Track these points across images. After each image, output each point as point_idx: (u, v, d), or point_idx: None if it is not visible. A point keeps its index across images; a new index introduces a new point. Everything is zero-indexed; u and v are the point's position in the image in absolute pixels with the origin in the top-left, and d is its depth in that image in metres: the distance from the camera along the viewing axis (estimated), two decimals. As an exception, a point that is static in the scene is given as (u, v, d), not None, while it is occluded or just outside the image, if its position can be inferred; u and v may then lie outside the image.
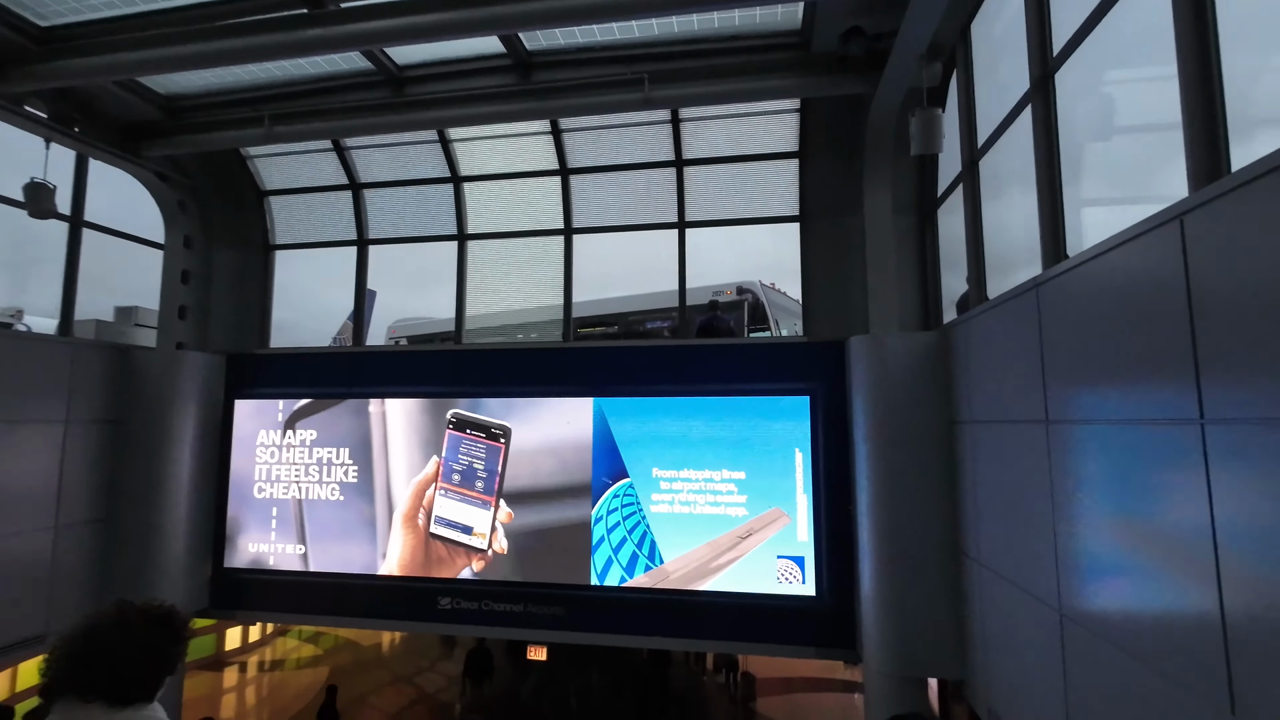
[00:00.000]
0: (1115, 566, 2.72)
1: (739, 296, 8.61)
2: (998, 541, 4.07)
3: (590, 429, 5.99)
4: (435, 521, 6.14)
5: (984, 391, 4.26)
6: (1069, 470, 3.11)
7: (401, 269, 8.93)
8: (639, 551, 5.83)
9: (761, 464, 5.69)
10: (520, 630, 6.04)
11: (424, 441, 6.28)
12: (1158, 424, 2.36)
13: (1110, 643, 2.71)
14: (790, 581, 5.55)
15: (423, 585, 6.19)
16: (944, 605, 4.79)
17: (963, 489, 4.68)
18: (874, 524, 5.11)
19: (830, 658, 5.64)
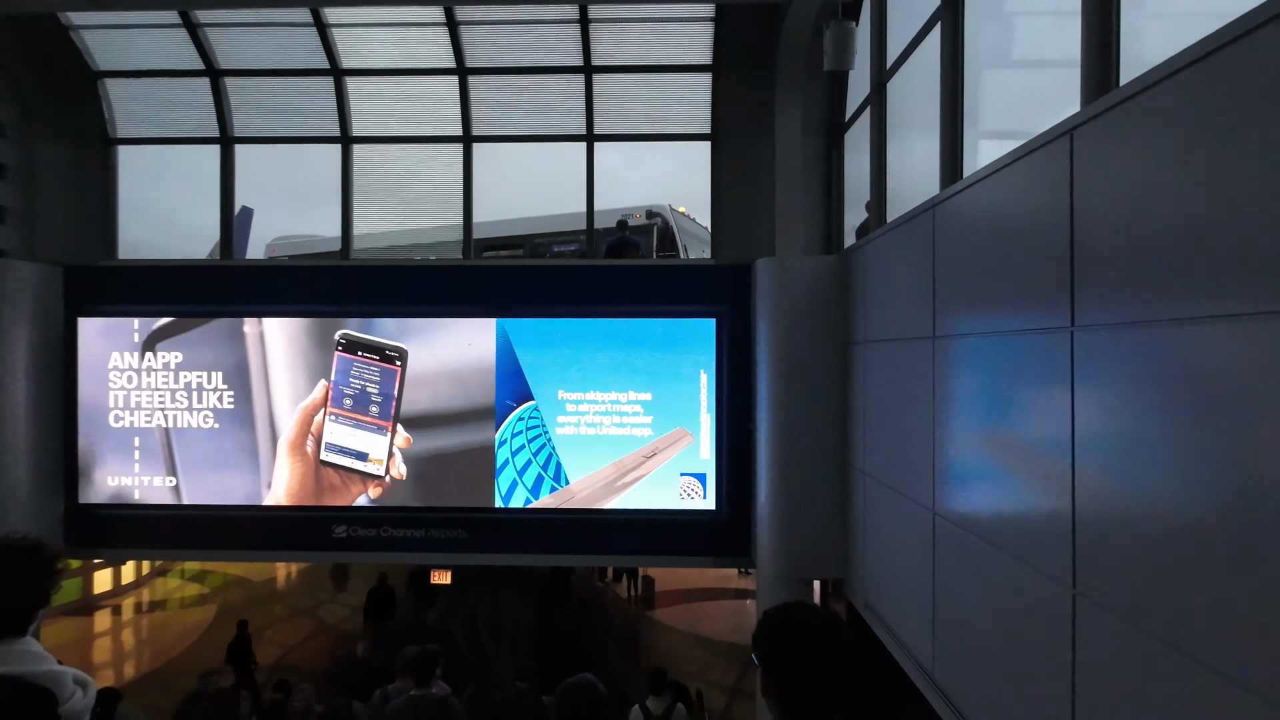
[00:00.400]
0: (984, 470, 2.96)
1: (648, 220, 8.45)
2: (882, 453, 4.35)
3: (493, 351, 5.77)
4: (326, 449, 5.79)
5: (878, 313, 4.44)
6: (950, 383, 3.32)
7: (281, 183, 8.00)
8: (544, 474, 5.80)
9: (667, 386, 5.74)
10: (422, 555, 5.93)
11: (309, 365, 5.82)
12: (1033, 334, 2.52)
13: (976, 535, 2.98)
14: (692, 497, 5.75)
15: (315, 514, 5.88)
16: (830, 514, 5.14)
17: (853, 406, 4.95)
18: (771, 441, 5.34)
19: (728, 565, 5.98)
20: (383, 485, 5.83)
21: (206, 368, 5.85)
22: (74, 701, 1.40)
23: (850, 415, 5.02)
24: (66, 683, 1.41)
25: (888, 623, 4.19)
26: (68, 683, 1.42)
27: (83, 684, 1.45)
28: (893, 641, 4.07)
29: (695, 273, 5.84)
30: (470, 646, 11.29)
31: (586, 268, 5.87)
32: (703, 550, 5.83)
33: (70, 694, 1.41)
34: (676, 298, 5.77)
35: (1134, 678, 1.96)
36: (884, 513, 4.34)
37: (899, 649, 3.98)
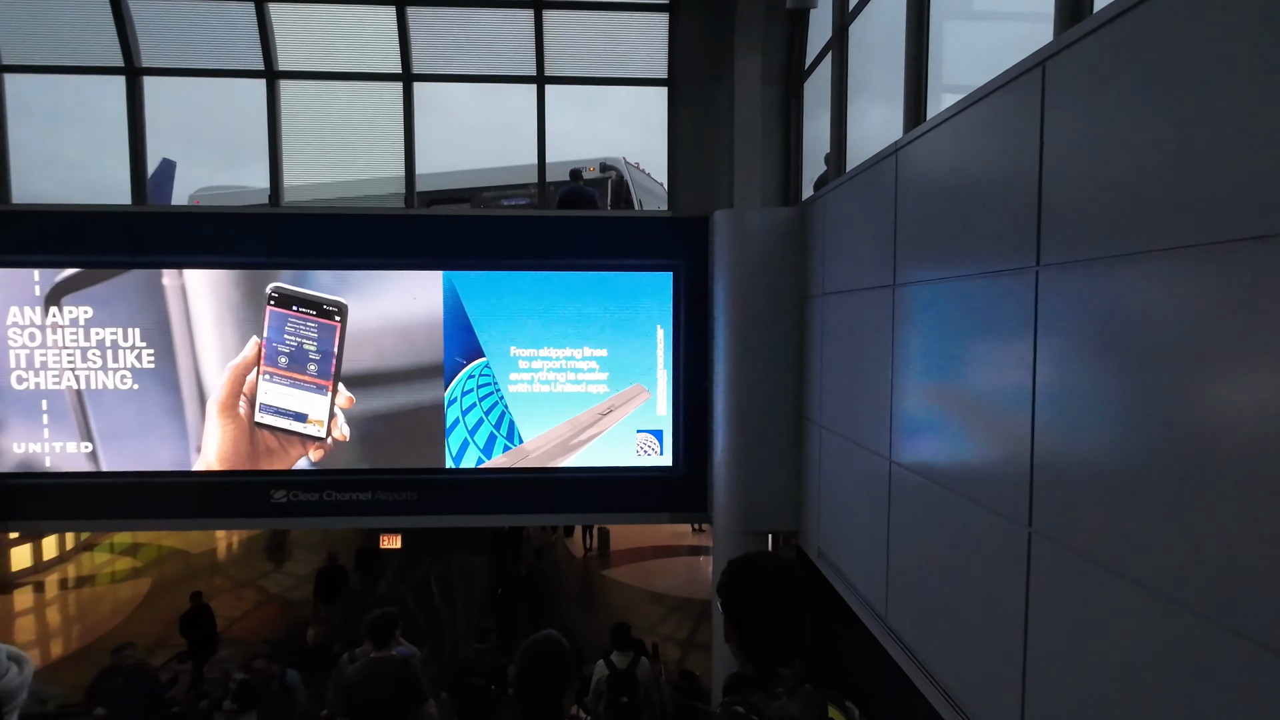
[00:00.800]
0: (943, 417, 2.97)
1: (602, 174, 8.16)
2: (839, 404, 4.36)
3: (440, 305, 5.49)
4: (261, 410, 5.45)
5: (837, 264, 4.39)
6: (909, 331, 3.29)
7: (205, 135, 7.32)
8: (496, 432, 5.63)
9: (624, 341, 5.60)
10: (369, 519, 5.71)
11: (239, 320, 5.41)
12: (998, 275, 2.48)
13: (934, 481, 3.00)
14: (649, 454, 5.69)
15: (252, 479, 5.56)
16: (785, 467, 5.17)
17: (810, 359, 4.94)
18: (728, 396, 5.30)
19: (684, 521, 5.99)
20: (324, 448, 5.54)
21: (122, 324, 5.38)
22: (9, 678, 1.38)
23: (807, 369, 5.02)
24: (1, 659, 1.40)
25: (841, 570, 4.26)
26: (1, 659, 1.40)
27: (18, 660, 1.43)
28: (846, 587, 4.15)
29: (652, 225, 5.66)
30: (424, 610, 11.18)
31: (538, 219, 5.61)
32: (659, 506, 5.81)
33: (4, 670, 1.39)
34: (633, 250, 5.60)
35: (1084, 606, 1.99)
36: (839, 464, 4.37)
37: (852, 594, 4.05)
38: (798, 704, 1.32)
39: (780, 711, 1.30)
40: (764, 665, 1.36)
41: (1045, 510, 2.22)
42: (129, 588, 12.57)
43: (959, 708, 2.78)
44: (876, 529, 3.66)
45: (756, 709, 1.30)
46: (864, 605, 3.86)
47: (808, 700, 1.33)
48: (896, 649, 3.41)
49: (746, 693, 1.33)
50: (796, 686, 1.34)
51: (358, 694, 3.36)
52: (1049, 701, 2.19)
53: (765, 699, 1.31)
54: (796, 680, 1.36)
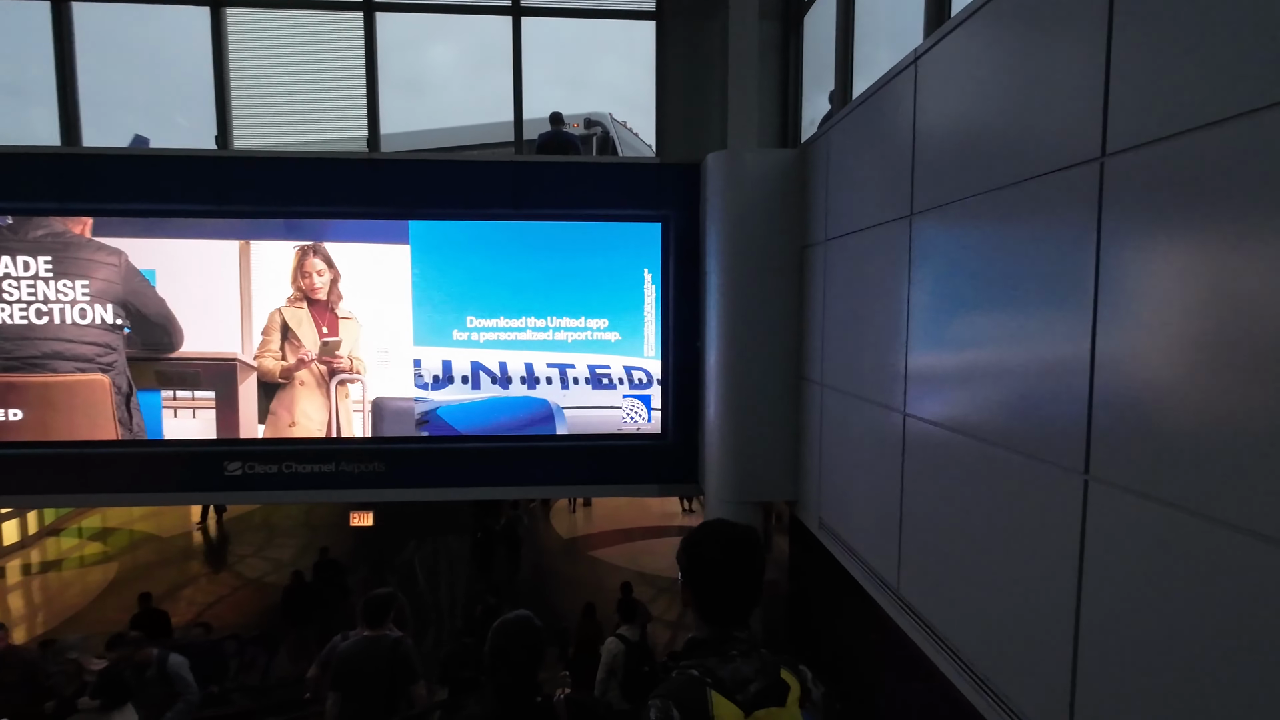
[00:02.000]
0: (974, 360, 2.58)
1: (587, 130, 7.67)
2: (843, 359, 3.97)
3: (408, 262, 5.02)
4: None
5: (842, 203, 3.98)
6: (929, 265, 2.90)
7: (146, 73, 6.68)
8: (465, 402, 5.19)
9: (608, 300, 5.17)
10: (332, 493, 5.27)
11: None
12: (1055, 175, 2.08)
13: (958, 432, 2.61)
14: (636, 420, 5.29)
15: (203, 449, 5.10)
16: (781, 433, 4.80)
17: (810, 314, 4.54)
18: (720, 357, 4.90)
19: (675, 493, 5.61)
20: (282, 414, 5.08)
21: (55, 278, 4.85)
22: None
23: (806, 324, 4.62)
24: None
25: (845, 540, 3.90)
26: None
27: None
28: (850, 558, 3.79)
29: (639, 172, 5.21)
30: (410, 599, 10.66)
31: (515, 164, 5.14)
32: (648, 478, 5.42)
33: None
34: (619, 199, 5.15)
35: (1146, 550, 1.63)
36: (843, 425, 4.00)
37: (856, 565, 3.70)
38: (752, 666, 1.32)
39: (734, 674, 1.30)
40: (719, 628, 1.37)
41: (1106, 454, 1.85)
42: (96, 573, 12.04)
43: (986, 684, 2.42)
44: (886, 492, 3.29)
45: (710, 671, 1.30)
46: (870, 576, 3.50)
47: (762, 663, 1.34)
48: (910, 622, 3.06)
49: (701, 656, 1.34)
50: (751, 650, 1.35)
51: (349, 669, 3.30)
52: (1106, 672, 1.82)
53: (719, 662, 1.32)
54: (751, 643, 1.36)
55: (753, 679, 1.31)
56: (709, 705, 1.27)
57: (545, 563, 11.83)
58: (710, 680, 1.29)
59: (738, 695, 1.28)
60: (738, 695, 1.28)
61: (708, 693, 1.27)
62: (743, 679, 1.30)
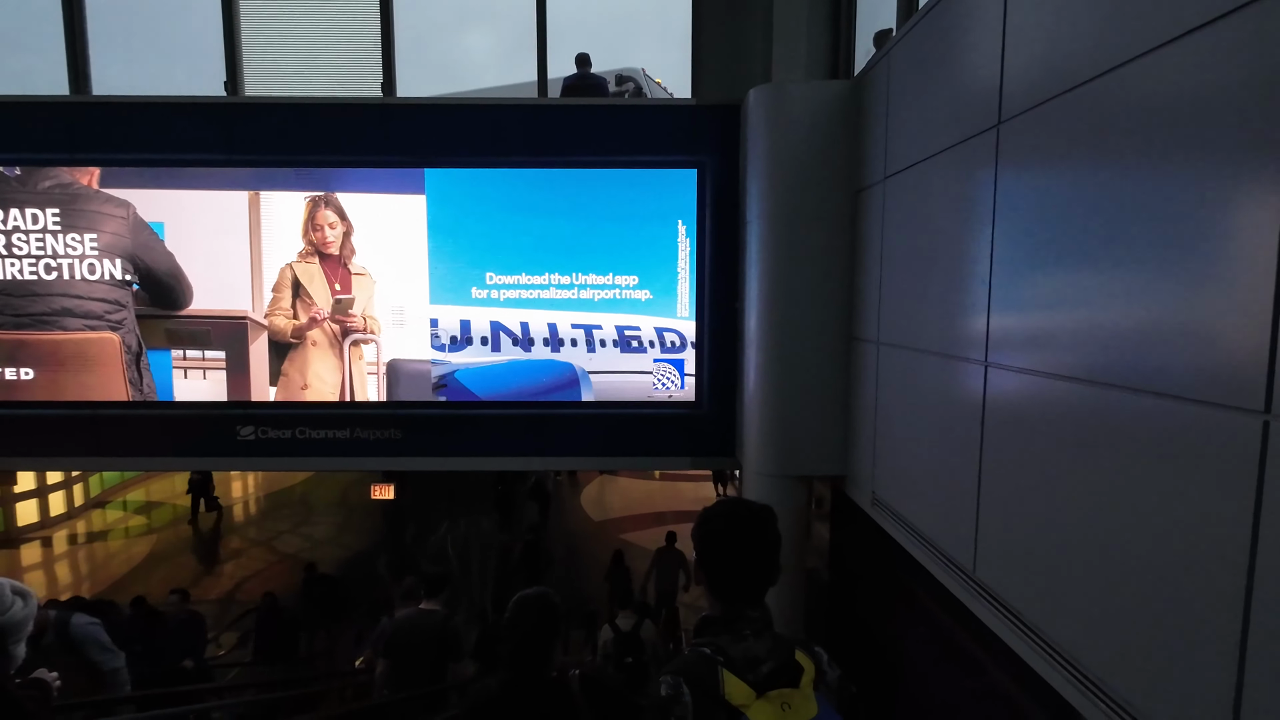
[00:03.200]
0: (1088, 285, 2.07)
1: (618, 87, 7.23)
2: (906, 311, 3.47)
3: (424, 214, 4.68)
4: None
5: (907, 131, 3.46)
6: (1026, 178, 2.38)
7: None
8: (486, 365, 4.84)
9: (638, 255, 4.74)
10: (346, 459, 5.01)
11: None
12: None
13: (1065, 377, 2.12)
14: (668, 387, 4.87)
15: (215, 412, 4.88)
16: (830, 400, 4.32)
17: (865, 264, 4.04)
18: (762, 316, 4.43)
19: (709, 466, 5.20)
20: (294, 376, 4.81)
21: (69, 232, 4.67)
22: (14, 612, 1.41)
23: (861, 277, 4.12)
24: (5, 594, 1.42)
25: (905, 517, 3.42)
26: (6, 593, 1.42)
27: (23, 595, 1.44)
28: (911, 538, 3.31)
29: (673, 114, 4.74)
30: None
31: (539, 107, 4.74)
32: (680, 449, 5.00)
33: (9, 604, 1.41)
34: (650, 144, 4.71)
35: None
36: (904, 387, 3.50)
37: (919, 546, 3.22)
38: (764, 646, 1.31)
39: (746, 653, 1.29)
40: (731, 607, 1.35)
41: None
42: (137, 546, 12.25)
43: (1099, 687, 1.94)
44: (961, 458, 2.80)
45: (722, 650, 1.29)
46: (936, 558, 3.02)
47: (775, 643, 1.32)
48: (987, 609, 2.59)
49: (714, 634, 1.33)
50: (763, 629, 1.34)
51: (400, 639, 3.49)
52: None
53: (731, 640, 1.31)
54: (764, 623, 1.35)
55: (765, 659, 1.29)
56: (720, 683, 1.25)
57: (575, 545, 11.57)
58: (722, 659, 1.27)
59: (749, 674, 1.26)
60: (749, 674, 1.26)
61: (719, 671, 1.26)
62: (754, 658, 1.29)
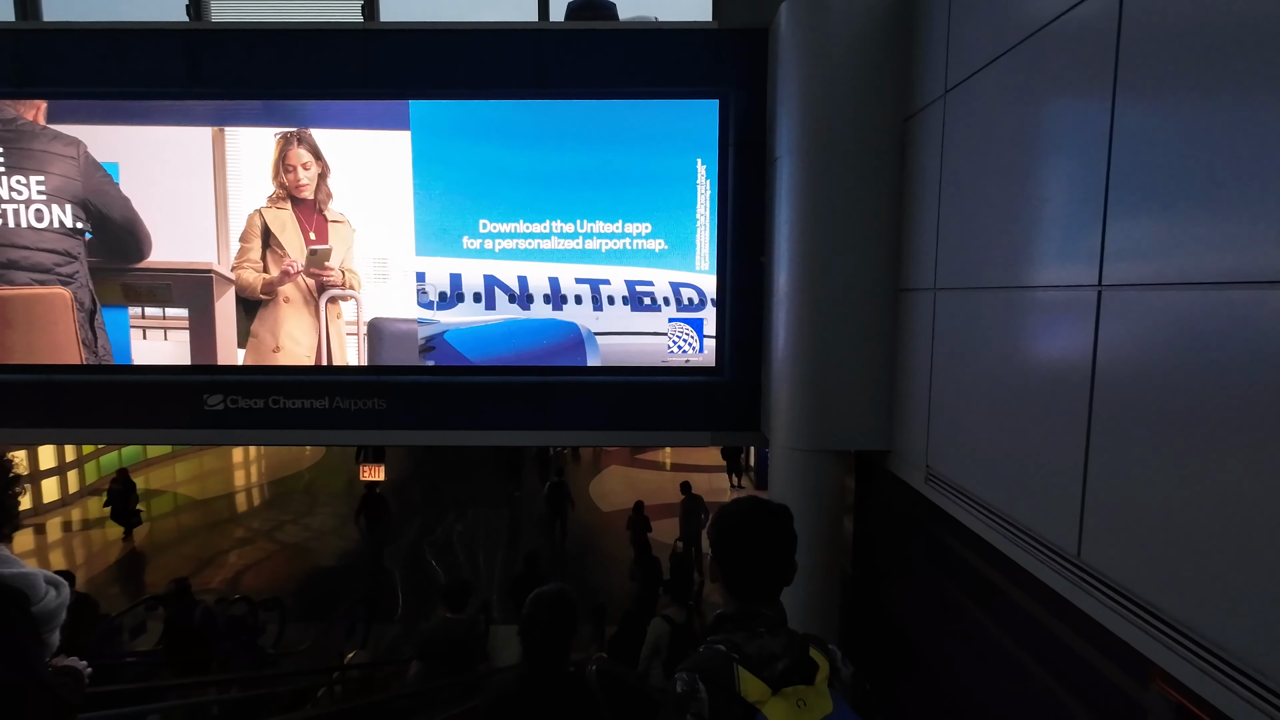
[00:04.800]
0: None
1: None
2: (976, 246, 2.88)
3: (409, 153, 4.14)
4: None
5: (976, 26, 2.86)
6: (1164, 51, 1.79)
7: None
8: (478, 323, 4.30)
9: (651, 199, 4.17)
10: (325, 433, 4.49)
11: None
12: None
13: (1230, 282, 1.53)
14: (685, 349, 4.30)
15: (180, 379, 4.37)
16: (873, 363, 3.74)
17: (917, 198, 3.45)
18: (793, 267, 3.85)
19: (732, 442, 4.64)
20: (265, 337, 4.30)
21: (12, 175, 4.17)
22: (47, 601, 1.41)
23: (911, 216, 3.53)
24: (39, 583, 1.41)
25: (972, 493, 2.84)
26: (39, 583, 1.41)
27: (55, 584, 1.44)
28: (982, 517, 2.73)
29: (692, 39, 4.16)
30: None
31: (540, 32, 4.17)
32: (698, 423, 4.43)
33: (43, 594, 1.41)
34: (666, 74, 4.13)
35: None
36: (971, 337, 2.91)
37: (994, 526, 2.64)
38: (779, 643, 1.31)
39: (761, 650, 1.29)
40: (746, 604, 1.35)
41: None
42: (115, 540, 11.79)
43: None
44: (1057, 416, 2.21)
45: (737, 646, 1.29)
46: (1023, 540, 2.44)
47: (790, 640, 1.32)
48: (1096, 603, 2.02)
49: (729, 631, 1.33)
50: (778, 626, 1.33)
51: (429, 644, 3.88)
52: None
53: (746, 638, 1.31)
54: (778, 620, 1.35)
55: (780, 656, 1.28)
56: (736, 680, 1.24)
57: (585, 538, 11.07)
58: (737, 656, 1.27)
59: (764, 672, 1.26)
60: (764, 672, 1.26)
61: (735, 668, 1.25)
62: (770, 655, 1.28)
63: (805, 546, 4.02)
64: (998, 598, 2.89)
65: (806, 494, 3.86)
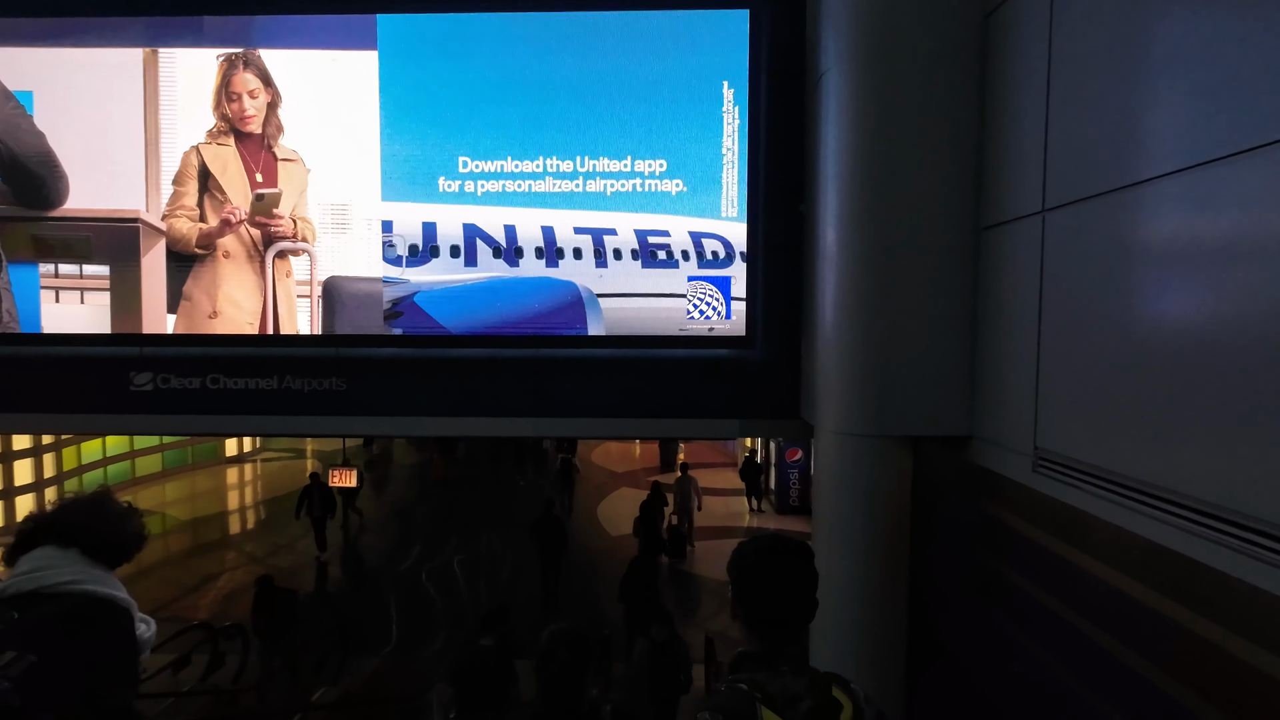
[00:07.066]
0: None
1: None
2: (1122, 128, 2.09)
3: (376, 77, 3.45)
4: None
5: None
6: None
7: None
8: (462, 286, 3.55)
9: (667, 131, 3.43)
10: (273, 419, 3.73)
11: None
12: None
13: None
14: (707, 314, 3.50)
15: (101, 352, 3.65)
16: (947, 326, 2.94)
17: (1009, 101, 2.69)
18: (843, 212, 3.08)
19: (763, 432, 3.82)
20: (201, 301, 3.57)
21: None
22: (142, 631, 1.48)
23: (1002, 130, 2.76)
24: (136, 612, 1.48)
25: (1134, 477, 1.99)
26: (137, 612, 1.49)
27: (145, 621, 1.51)
28: (1150, 507, 1.88)
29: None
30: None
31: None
32: (725, 408, 3.61)
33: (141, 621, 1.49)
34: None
35: None
36: (1116, 258, 2.11)
37: (1174, 518, 1.79)
38: (801, 683, 1.27)
39: (784, 690, 1.26)
40: (768, 643, 1.33)
41: None
42: None
43: None
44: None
45: (760, 686, 1.26)
46: (1226, 534, 1.60)
47: (812, 679, 1.29)
48: None
49: (751, 670, 1.31)
50: (801, 665, 1.31)
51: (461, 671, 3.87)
52: None
53: (769, 676, 1.27)
54: (801, 659, 1.33)
55: (803, 696, 1.26)
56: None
57: (590, 563, 10.18)
58: (760, 695, 1.24)
59: (788, 712, 1.24)
60: (788, 712, 1.24)
61: (758, 708, 1.23)
62: (793, 696, 1.26)
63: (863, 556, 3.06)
64: (1140, 625, 2.01)
65: (863, 490, 3.04)
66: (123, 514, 1.51)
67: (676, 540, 9.51)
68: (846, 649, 3.00)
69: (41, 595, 1.31)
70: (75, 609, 1.33)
